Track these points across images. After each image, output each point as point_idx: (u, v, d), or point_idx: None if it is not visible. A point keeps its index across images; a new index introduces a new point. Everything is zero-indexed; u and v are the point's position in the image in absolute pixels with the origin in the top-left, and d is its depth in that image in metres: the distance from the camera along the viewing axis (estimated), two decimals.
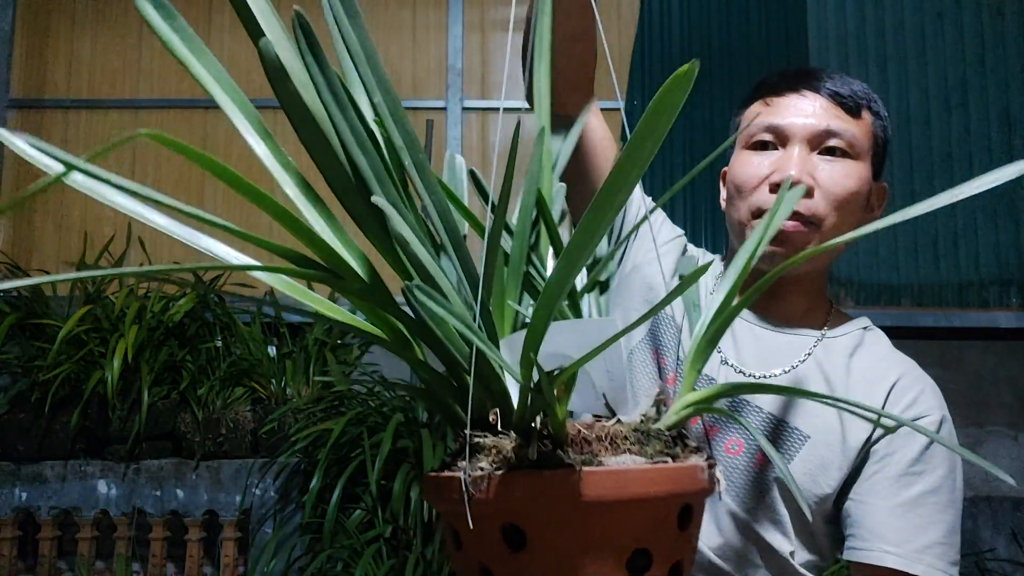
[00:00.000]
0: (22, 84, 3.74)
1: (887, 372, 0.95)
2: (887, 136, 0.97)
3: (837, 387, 0.93)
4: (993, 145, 3.66)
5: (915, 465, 0.89)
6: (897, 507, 0.86)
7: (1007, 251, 3.59)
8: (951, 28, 3.72)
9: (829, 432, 0.91)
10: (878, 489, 0.88)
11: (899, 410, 0.92)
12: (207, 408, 2.96)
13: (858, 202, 0.93)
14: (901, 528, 0.85)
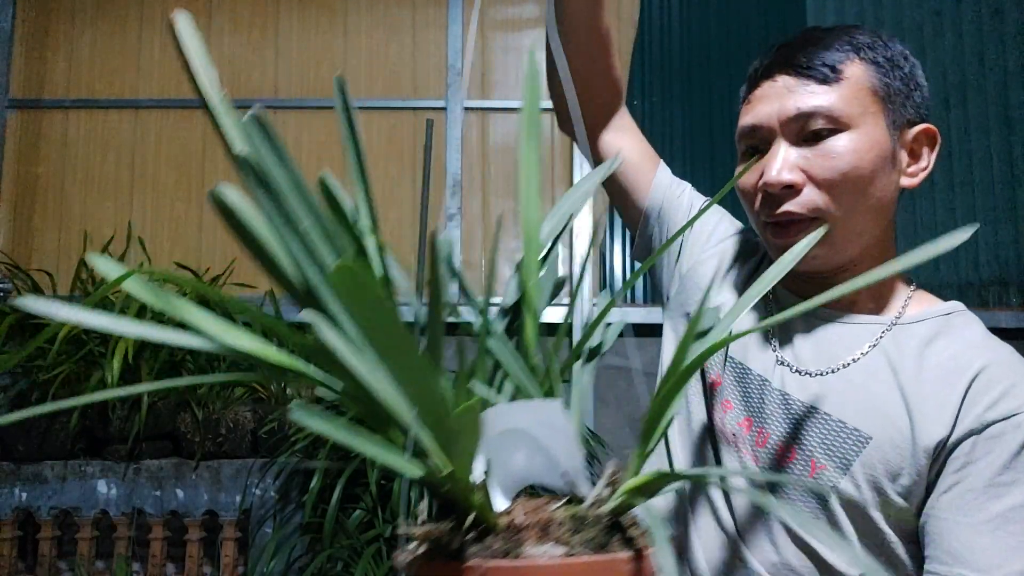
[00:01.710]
0: (22, 84, 3.74)
1: (971, 361, 0.78)
2: (903, 76, 0.84)
3: (906, 381, 0.79)
4: (993, 145, 3.66)
5: (1003, 474, 0.73)
6: (982, 524, 0.72)
7: (1007, 251, 3.60)
8: (950, 27, 3.73)
9: (896, 432, 0.77)
10: (959, 503, 0.74)
11: (983, 407, 0.76)
12: (207, 408, 2.96)
13: (862, 175, 0.81)
14: (987, 549, 0.72)
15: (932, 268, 3.59)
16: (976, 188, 3.63)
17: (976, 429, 0.74)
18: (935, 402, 0.77)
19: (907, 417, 0.77)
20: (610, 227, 3.60)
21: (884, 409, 0.79)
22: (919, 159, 0.85)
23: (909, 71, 0.85)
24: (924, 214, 3.62)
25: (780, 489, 0.83)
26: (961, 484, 0.74)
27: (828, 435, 0.80)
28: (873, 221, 0.85)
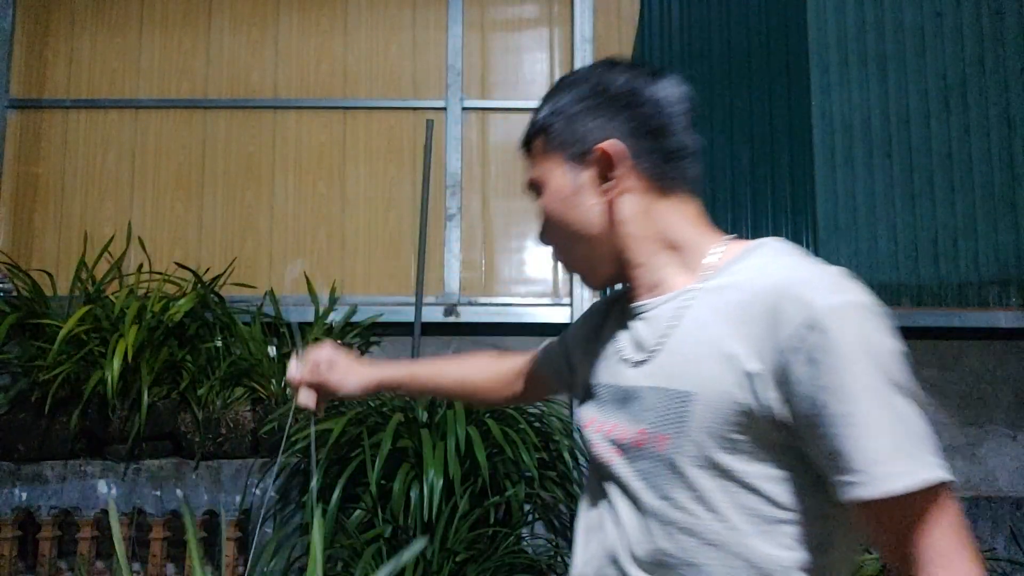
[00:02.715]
0: (22, 84, 3.74)
1: (753, 290, 0.81)
2: (567, 118, 0.92)
3: (694, 326, 0.84)
4: (993, 145, 3.66)
5: (834, 380, 0.72)
6: (851, 427, 0.72)
7: (1007, 251, 3.60)
8: (951, 28, 3.73)
9: (712, 379, 0.80)
10: (810, 424, 0.74)
11: (770, 325, 0.77)
12: (207, 408, 2.96)
13: (559, 220, 0.95)
14: (850, 454, 0.71)
15: (933, 268, 3.59)
16: (976, 188, 3.63)
17: (791, 350, 0.74)
18: (741, 340, 0.79)
19: (720, 362, 0.79)
20: None
21: (699, 363, 0.81)
22: (608, 178, 0.91)
23: (574, 109, 0.92)
24: (925, 213, 3.62)
25: (645, 474, 0.86)
26: (799, 409, 0.75)
27: (660, 406, 0.84)
28: (602, 243, 0.94)
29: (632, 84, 0.92)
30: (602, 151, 0.90)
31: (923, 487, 0.70)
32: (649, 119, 0.91)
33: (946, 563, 0.70)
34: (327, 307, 3.40)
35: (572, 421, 3.25)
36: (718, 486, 0.80)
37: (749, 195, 3.63)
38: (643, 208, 0.93)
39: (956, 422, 3.49)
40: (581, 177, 0.93)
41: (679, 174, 0.95)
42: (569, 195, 0.93)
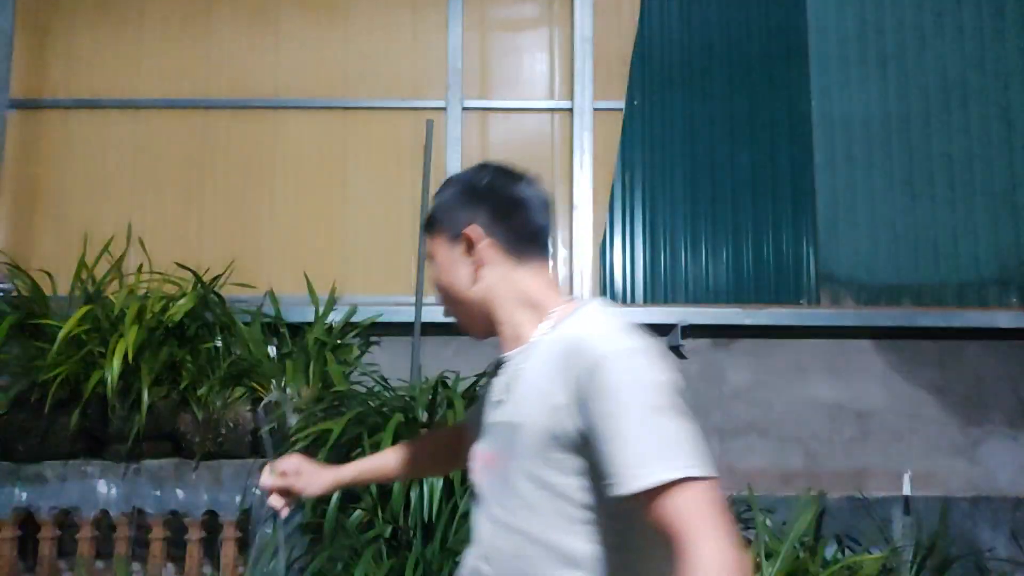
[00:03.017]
0: (22, 84, 3.74)
1: (565, 344, 1.05)
2: (442, 210, 1.21)
3: (529, 374, 1.09)
4: (993, 144, 3.66)
5: (602, 408, 0.96)
6: (614, 442, 0.94)
7: (1007, 251, 3.60)
8: (951, 27, 3.73)
9: (534, 413, 1.04)
10: (602, 435, 0.96)
11: (571, 370, 1.01)
12: (207, 408, 2.96)
13: (442, 287, 1.22)
14: (626, 458, 0.92)
15: (933, 269, 3.59)
16: (976, 188, 3.63)
17: (582, 387, 0.98)
18: (554, 380, 1.03)
19: (538, 397, 1.04)
20: (610, 228, 3.60)
21: (527, 401, 1.06)
22: (472, 253, 1.17)
23: (447, 206, 1.21)
24: (924, 213, 3.62)
25: (492, 489, 1.13)
26: (592, 429, 0.97)
27: (503, 436, 1.10)
28: (474, 303, 1.19)
29: (493, 183, 1.20)
30: (464, 234, 1.17)
31: (664, 483, 0.89)
32: (504, 209, 1.18)
33: (696, 539, 0.86)
34: (327, 307, 3.40)
35: None
36: (539, 495, 1.03)
37: (749, 195, 3.63)
38: (502, 275, 1.17)
39: (956, 422, 3.49)
40: (456, 252, 1.19)
41: (533, 248, 1.19)
42: (449, 266, 1.20)
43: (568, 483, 1.01)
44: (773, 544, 2.72)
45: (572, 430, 0.99)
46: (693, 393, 3.69)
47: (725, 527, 0.88)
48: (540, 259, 1.19)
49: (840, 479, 3.45)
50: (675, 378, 0.99)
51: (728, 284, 3.58)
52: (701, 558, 0.85)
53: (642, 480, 0.89)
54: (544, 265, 1.20)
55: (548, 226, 1.22)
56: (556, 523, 1.02)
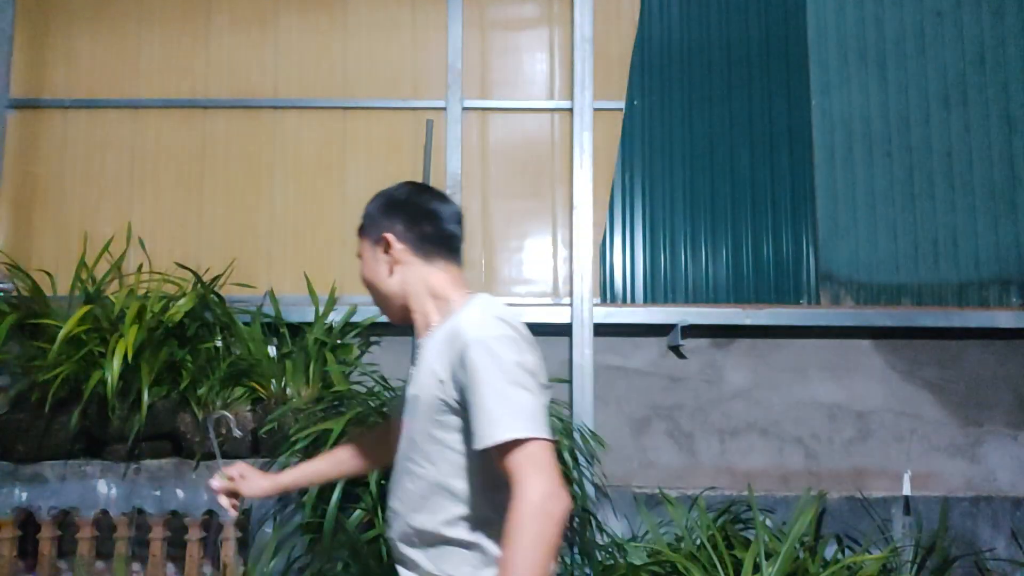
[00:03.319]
0: (22, 84, 3.74)
1: (451, 329, 1.33)
2: (366, 218, 1.51)
3: (427, 354, 1.37)
4: (993, 144, 3.66)
5: (471, 378, 1.24)
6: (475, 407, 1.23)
7: (1007, 251, 3.60)
8: (951, 28, 3.73)
9: (427, 385, 1.33)
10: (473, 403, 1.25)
11: (451, 350, 1.29)
12: (207, 408, 2.96)
13: (367, 281, 1.50)
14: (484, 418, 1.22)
15: (933, 268, 3.59)
16: (976, 188, 3.63)
17: (455, 365, 1.28)
18: (440, 360, 1.32)
19: (430, 374, 1.32)
20: (610, 227, 3.60)
21: (423, 376, 1.35)
22: (389, 254, 1.45)
23: (372, 215, 1.50)
24: (924, 214, 3.62)
25: (403, 447, 1.41)
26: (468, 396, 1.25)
27: (410, 405, 1.38)
28: (394, 295, 1.46)
29: (409, 198, 1.49)
30: (383, 237, 1.45)
31: (507, 441, 1.18)
32: (417, 218, 1.46)
33: (526, 480, 1.16)
34: (327, 307, 3.40)
35: (572, 422, 3.25)
36: (433, 448, 1.33)
37: (749, 195, 3.63)
38: (413, 272, 1.45)
39: (956, 422, 3.49)
40: (377, 253, 1.47)
41: (442, 251, 1.47)
42: (372, 264, 1.48)
43: (451, 438, 1.31)
44: (773, 544, 2.72)
45: (450, 399, 1.29)
46: (693, 393, 3.71)
47: (551, 473, 1.18)
48: (449, 260, 1.48)
49: (840, 479, 3.45)
50: (531, 360, 1.27)
51: (728, 284, 3.58)
52: (526, 491, 1.15)
53: (492, 438, 1.19)
54: (453, 265, 1.48)
55: (457, 234, 1.51)
56: (445, 469, 1.32)
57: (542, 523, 1.13)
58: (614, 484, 3.34)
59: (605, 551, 2.96)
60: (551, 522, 1.14)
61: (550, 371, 3.48)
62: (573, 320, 3.46)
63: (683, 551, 2.80)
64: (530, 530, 1.13)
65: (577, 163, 3.57)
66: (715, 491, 3.29)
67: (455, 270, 1.48)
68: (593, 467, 3.21)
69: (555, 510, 1.14)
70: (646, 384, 3.53)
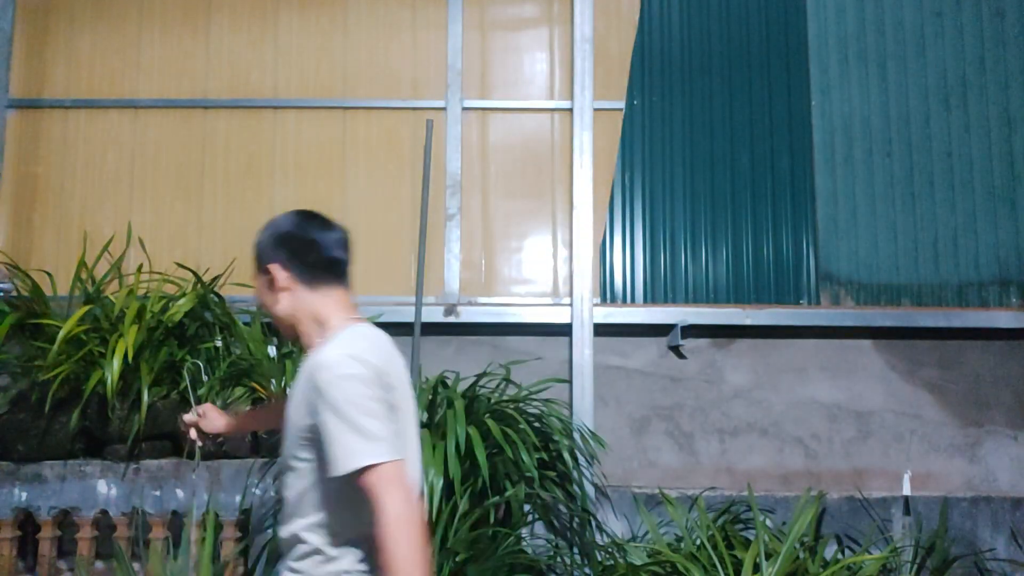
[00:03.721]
0: (22, 84, 3.74)
1: (313, 363, 1.48)
2: (256, 252, 1.65)
3: (298, 382, 1.53)
4: (993, 144, 3.66)
5: (323, 417, 1.41)
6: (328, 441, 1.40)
7: (1007, 251, 3.60)
8: (951, 28, 3.73)
9: (296, 410, 1.50)
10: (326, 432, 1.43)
11: (309, 386, 1.45)
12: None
13: (263, 302, 1.63)
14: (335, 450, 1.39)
15: (932, 269, 3.59)
16: (976, 188, 3.63)
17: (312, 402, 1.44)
18: (302, 391, 1.49)
19: (296, 404, 1.50)
20: (610, 227, 3.61)
21: (293, 401, 1.52)
22: (275, 282, 1.58)
23: (260, 247, 1.64)
24: (925, 213, 3.62)
25: (283, 456, 1.55)
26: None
27: (286, 420, 1.54)
28: (283, 317, 1.60)
29: (292, 228, 1.64)
30: (268, 268, 1.59)
31: (358, 468, 1.36)
32: (299, 249, 1.60)
33: (385, 497, 1.35)
34: None
35: (572, 422, 3.25)
36: (300, 464, 1.49)
37: (749, 195, 3.63)
38: (299, 298, 1.59)
39: (956, 422, 3.49)
40: (266, 282, 1.60)
41: (326, 277, 1.59)
42: (264, 292, 1.62)
43: (313, 458, 1.47)
44: (773, 544, 2.72)
45: (310, 425, 1.45)
46: (693, 393, 3.71)
47: (403, 487, 1.38)
48: (333, 285, 1.60)
49: (840, 479, 3.45)
50: (380, 393, 1.43)
51: (728, 284, 3.58)
52: (387, 506, 1.34)
53: (344, 468, 1.37)
54: (338, 289, 1.61)
55: (342, 259, 1.63)
56: (310, 482, 1.48)
57: (408, 529, 1.35)
58: (614, 484, 3.35)
59: (605, 551, 2.96)
60: (414, 527, 1.36)
61: (550, 371, 3.49)
62: (573, 320, 3.46)
63: (683, 551, 2.80)
64: (402, 538, 1.34)
65: (577, 163, 3.58)
66: (715, 491, 3.29)
67: (340, 293, 1.62)
68: (593, 467, 3.21)
69: (414, 517, 1.37)
70: (646, 384, 3.53)
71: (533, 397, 3.17)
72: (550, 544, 2.98)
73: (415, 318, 3.38)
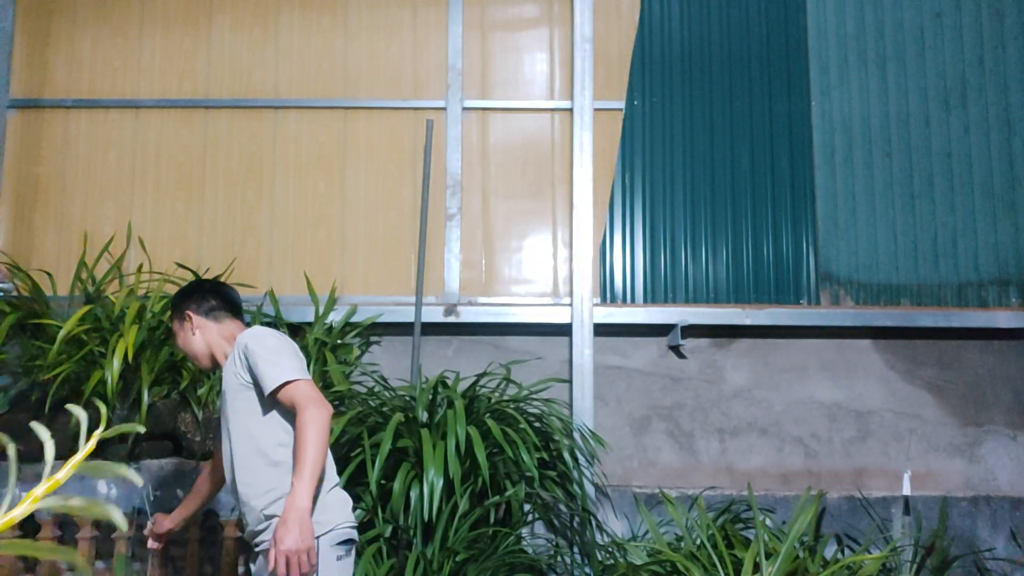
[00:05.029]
0: (23, 84, 3.74)
1: (236, 344, 2.02)
2: (177, 309, 2.15)
3: (227, 365, 2.04)
4: (993, 145, 3.66)
5: (251, 360, 1.96)
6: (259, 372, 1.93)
7: (1006, 251, 3.60)
8: (950, 28, 3.73)
9: (228, 376, 2.01)
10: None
11: (237, 352, 2.00)
12: (207, 408, 2.96)
13: (183, 344, 2.13)
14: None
15: (932, 268, 3.59)
16: (976, 188, 3.64)
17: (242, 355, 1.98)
18: (230, 363, 2.02)
19: (228, 371, 2.03)
20: (610, 228, 3.61)
21: (225, 375, 2.03)
22: (192, 325, 2.10)
23: (176, 304, 2.16)
24: (924, 213, 3.62)
25: (225, 418, 2.04)
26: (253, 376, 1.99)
27: (223, 398, 2.04)
28: (202, 350, 2.10)
29: (196, 287, 2.18)
30: (187, 314, 2.11)
31: (280, 384, 1.88)
32: (203, 298, 2.13)
33: (302, 402, 1.85)
34: (327, 307, 3.41)
35: (572, 421, 3.25)
36: (241, 405, 1.97)
37: (749, 195, 3.63)
38: (211, 331, 2.10)
39: (956, 422, 3.50)
40: (185, 326, 2.11)
41: (224, 313, 2.13)
42: (183, 335, 2.13)
43: (251, 395, 1.96)
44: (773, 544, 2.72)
45: (245, 376, 1.96)
46: (693, 393, 3.70)
47: (315, 395, 1.87)
48: (232, 317, 2.13)
49: (840, 479, 3.45)
50: (288, 343, 1.99)
51: (728, 284, 3.58)
52: (303, 409, 1.84)
53: (271, 385, 1.88)
54: (237, 320, 2.14)
55: (235, 300, 2.17)
56: (254, 420, 1.96)
57: (318, 422, 1.83)
58: (614, 484, 3.35)
59: (605, 551, 2.96)
60: (320, 421, 1.83)
61: (550, 371, 3.49)
62: (573, 320, 3.46)
63: (683, 551, 2.80)
64: (311, 428, 1.82)
65: (577, 163, 3.58)
66: (715, 491, 3.29)
67: (238, 321, 2.15)
68: (593, 467, 3.21)
69: (323, 414, 1.85)
70: (646, 384, 3.53)
71: (533, 397, 3.17)
72: (550, 544, 2.98)
73: (415, 318, 3.38)
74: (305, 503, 1.78)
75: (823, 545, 2.89)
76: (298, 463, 1.81)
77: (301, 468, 1.79)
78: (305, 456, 1.79)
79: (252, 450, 1.95)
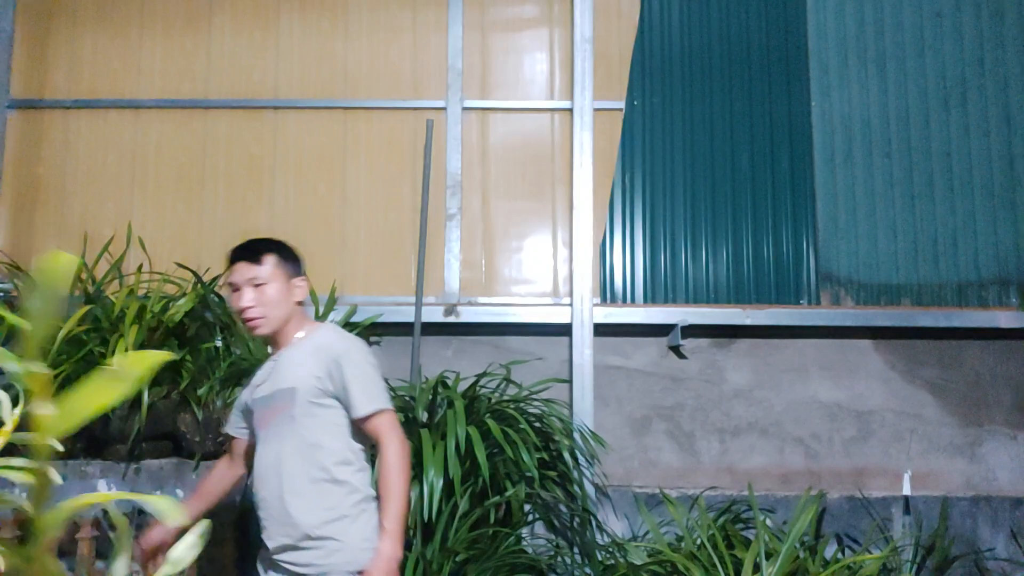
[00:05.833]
0: (23, 85, 3.74)
1: (319, 343, 1.92)
2: (289, 257, 2.00)
3: (296, 359, 1.92)
4: (993, 145, 3.66)
5: (347, 375, 1.87)
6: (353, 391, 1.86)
7: (1006, 251, 3.60)
8: (950, 28, 3.73)
9: (304, 377, 1.88)
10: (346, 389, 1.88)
11: (325, 357, 1.89)
12: (207, 408, 2.96)
13: (278, 298, 1.93)
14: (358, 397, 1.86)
15: (932, 268, 3.59)
16: (976, 188, 3.64)
17: (334, 363, 1.88)
18: (311, 363, 1.90)
19: (305, 370, 1.88)
20: (610, 228, 3.61)
21: (294, 372, 1.89)
22: (297, 294, 1.96)
23: (294, 257, 2.02)
24: (924, 213, 3.62)
25: (282, 426, 1.89)
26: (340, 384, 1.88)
27: (281, 395, 1.89)
28: (284, 314, 1.94)
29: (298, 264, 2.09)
30: (303, 276, 2.01)
31: (373, 412, 1.84)
32: (297, 267, 2.04)
33: (386, 439, 1.82)
34: (327, 307, 3.40)
35: (572, 422, 3.25)
36: (317, 418, 1.87)
37: (749, 195, 3.63)
38: (299, 308, 1.98)
39: (956, 422, 3.50)
40: (291, 284, 1.96)
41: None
42: (280, 289, 1.94)
43: (329, 404, 1.87)
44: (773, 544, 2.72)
45: (328, 386, 1.86)
46: (694, 393, 3.70)
47: (399, 429, 1.86)
48: None
49: (840, 479, 3.45)
50: (372, 358, 1.93)
51: (728, 284, 3.58)
52: (393, 445, 1.82)
53: (367, 410, 1.83)
54: None
55: None
56: (328, 430, 1.87)
57: (404, 461, 1.82)
58: (614, 484, 3.35)
59: (606, 551, 2.96)
60: (407, 460, 1.84)
61: (550, 371, 3.49)
62: (573, 320, 3.46)
63: (683, 551, 2.80)
64: (402, 467, 1.81)
65: (577, 163, 3.58)
66: (716, 491, 3.29)
67: None
68: (593, 467, 3.21)
69: (407, 452, 1.84)
70: (646, 384, 3.53)
71: (533, 397, 3.17)
72: (550, 544, 2.98)
73: (415, 318, 3.37)
74: (398, 552, 1.74)
75: (823, 545, 2.89)
76: (389, 504, 1.75)
77: (394, 512, 1.75)
78: (398, 498, 1.75)
79: (313, 463, 1.83)
